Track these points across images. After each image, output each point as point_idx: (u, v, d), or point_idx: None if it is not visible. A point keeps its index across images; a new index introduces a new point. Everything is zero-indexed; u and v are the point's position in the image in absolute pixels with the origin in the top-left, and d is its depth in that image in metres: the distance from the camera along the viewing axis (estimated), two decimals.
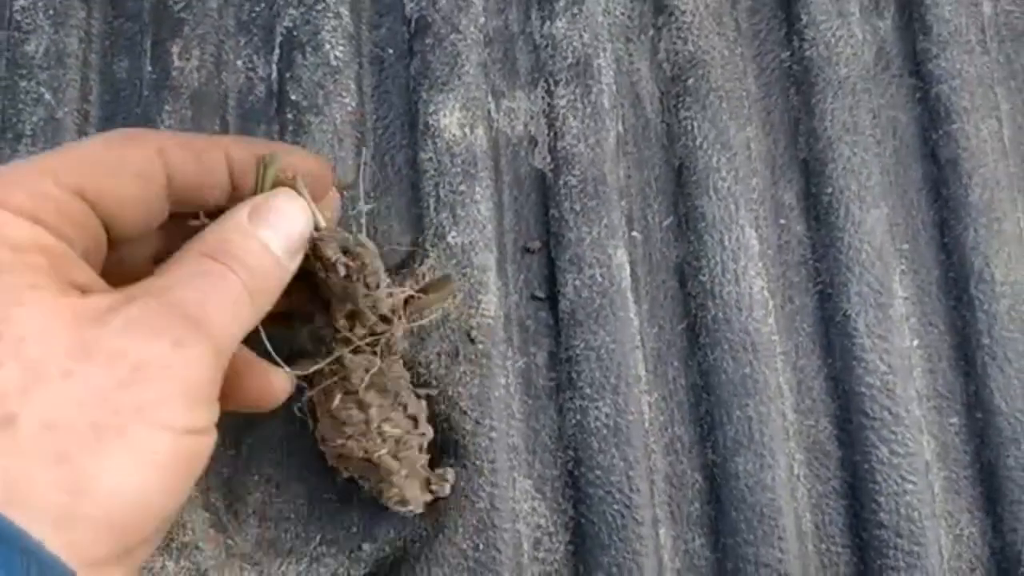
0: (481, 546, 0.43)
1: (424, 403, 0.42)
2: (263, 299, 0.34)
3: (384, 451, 0.39)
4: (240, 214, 0.34)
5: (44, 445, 0.27)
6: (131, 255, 0.36)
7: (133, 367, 0.28)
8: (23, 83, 0.47)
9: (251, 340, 0.35)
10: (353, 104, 0.47)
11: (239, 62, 0.48)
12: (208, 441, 0.31)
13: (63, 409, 0.27)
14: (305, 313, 0.39)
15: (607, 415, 0.44)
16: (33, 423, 0.27)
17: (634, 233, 0.47)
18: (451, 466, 0.43)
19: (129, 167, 0.33)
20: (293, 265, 0.35)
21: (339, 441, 0.39)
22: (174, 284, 0.31)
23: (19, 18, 0.48)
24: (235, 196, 0.36)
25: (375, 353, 0.39)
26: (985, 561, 0.44)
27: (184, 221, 0.35)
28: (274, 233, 0.34)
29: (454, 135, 0.47)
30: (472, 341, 0.44)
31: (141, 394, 0.28)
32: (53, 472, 0.27)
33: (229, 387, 0.36)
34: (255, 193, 0.35)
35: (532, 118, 0.48)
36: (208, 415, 0.31)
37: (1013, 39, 0.50)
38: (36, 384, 0.27)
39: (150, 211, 0.34)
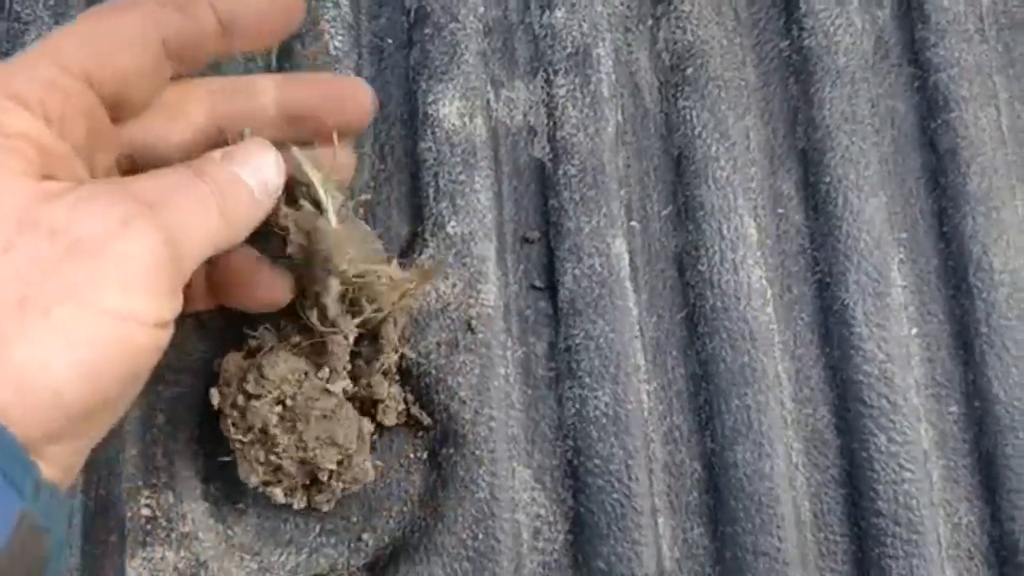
0: (480, 536, 0.43)
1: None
2: (235, 218, 0.33)
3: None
4: (213, 154, 0.35)
5: None
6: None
7: (72, 242, 0.28)
8: None
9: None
10: None
11: (238, 53, 0.48)
12: (154, 335, 0.30)
13: (10, 279, 0.27)
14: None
15: (606, 404, 0.44)
16: None
17: (633, 223, 0.47)
18: (451, 456, 0.43)
19: (126, 38, 0.33)
20: (267, 202, 0.36)
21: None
22: (138, 179, 0.31)
23: (18, 8, 0.48)
24: (228, 42, 0.37)
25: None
26: (983, 549, 0.45)
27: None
28: (247, 170, 0.35)
29: (453, 125, 0.47)
30: (472, 331, 0.44)
31: (75, 272, 0.28)
32: None
33: (235, 284, 0.38)
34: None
35: (531, 108, 0.48)
36: (150, 305, 0.29)
37: (1011, 27, 0.50)
38: None
39: (153, 78, 0.35)
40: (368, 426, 0.42)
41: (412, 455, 0.44)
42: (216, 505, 0.43)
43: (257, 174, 0.35)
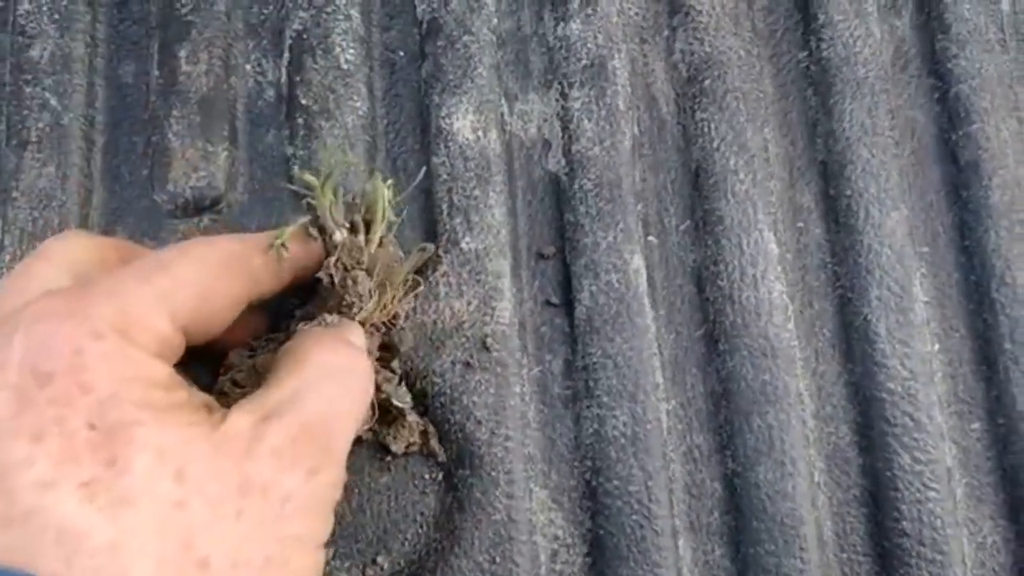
0: (498, 559, 0.42)
1: None
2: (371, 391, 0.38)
3: None
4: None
5: None
6: None
7: (283, 499, 0.32)
8: (28, 88, 0.47)
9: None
10: (364, 108, 0.46)
11: (248, 66, 0.48)
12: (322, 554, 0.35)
13: (243, 547, 0.31)
14: None
15: (625, 424, 0.43)
16: (223, 564, 0.30)
17: (650, 238, 0.46)
18: (466, 477, 0.42)
19: (230, 305, 0.36)
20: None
21: None
22: (304, 393, 0.34)
23: (23, 22, 0.47)
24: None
25: None
26: (1008, 569, 0.44)
27: None
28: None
29: (467, 139, 0.46)
30: (487, 349, 0.44)
31: (294, 526, 0.32)
32: None
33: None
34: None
35: (546, 121, 0.47)
36: (328, 529, 0.35)
37: None
38: (217, 523, 0.30)
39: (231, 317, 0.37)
40: None
41: (427, 476, 0.43)
42: None
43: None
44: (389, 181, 0.40)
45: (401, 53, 0.48)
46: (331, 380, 0.35)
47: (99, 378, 0.30)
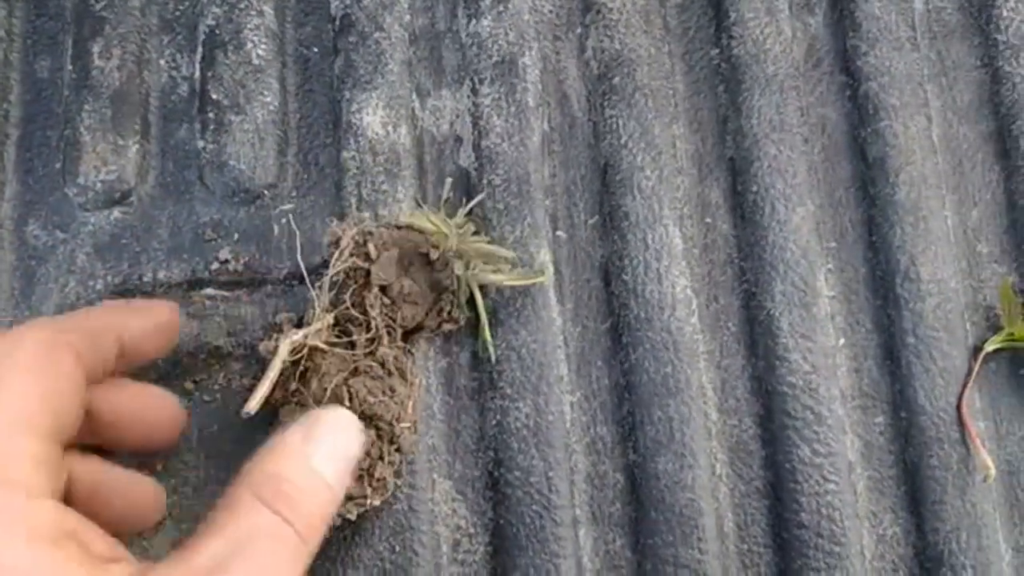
0: (398, 548, 0.42)
1: None
2: (315, 539, 0.33)
3: None
4: (294, 438, 0.34)
5: None
6: None
7: None
8: None
9: None
10: (276, 103, 0.47)
11: (162, 61, 0.48)
12: None
13: None
14: None
15: (527, 415, 0.44)
16: None
17: (559, 232, 0.47)
18: None
19: (74, 388, 0.34)
20: (341, 490, 0.35)
21: None
22: (239, 552, 0.30)
23: None
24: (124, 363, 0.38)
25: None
26: (908, 561, 0.44)
27: None
28: (329, 460, 0.34)
29: (377, 133, 0.46)
30: None
31: None
32: None
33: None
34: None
35: (458, 117, 0.48)
36: None
37: (945, 35, 0.50)
38: None
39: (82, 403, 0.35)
40: None
41: None
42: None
43: (342, 464, 0.35)
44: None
45: (315, 49, 0.48)
46: (267, 543, 0.31)
47: None
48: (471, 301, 0.43)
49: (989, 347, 0.45)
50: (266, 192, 0.46)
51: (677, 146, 0.48)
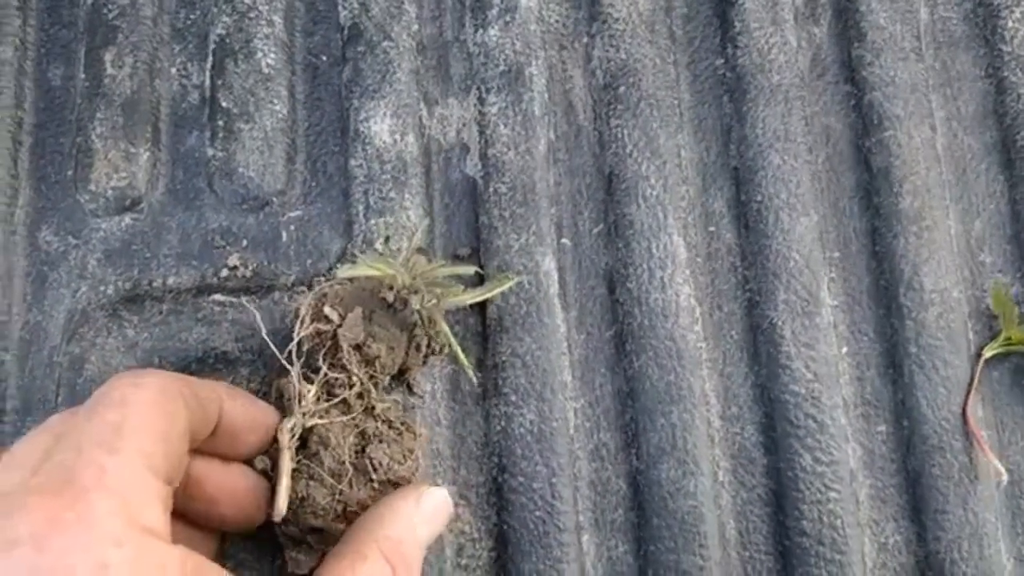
0: None
1: None
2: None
3: None
4: (409, 503, 0.38)
5: None
6: None
7: None
8: None
9: None
10: (284, 111, 0.48)
11: (173, 69, 0.49)
12: None
13: None
14: None
15: (531, 422, 0.44)
16: None
17: (564, 240, 0.47)
18: None
19: (181, 436, 0.34)
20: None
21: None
22: None
23: None
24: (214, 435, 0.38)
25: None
26: (910, 570, 0.44)
27: None
28: (430, 532, 0.39)
29: (384, 142, 0.47)
30: None
31: None
32: None
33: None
34: None
35: (465, 125, 0.48)
36: None
37: (950, 45, 0.50)
38: None
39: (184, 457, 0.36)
40: None
41: None
42: None
43: (432, 528, 0.39)
44: None
45: (324, 58, 0.49)
46: None
47: None
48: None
49: (988, 353, 0.46)
50: (275, 199, 0.46)
51: (681, 155, 0.48)
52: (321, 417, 0.39)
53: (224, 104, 0.47)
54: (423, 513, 0.38)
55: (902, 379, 0.46)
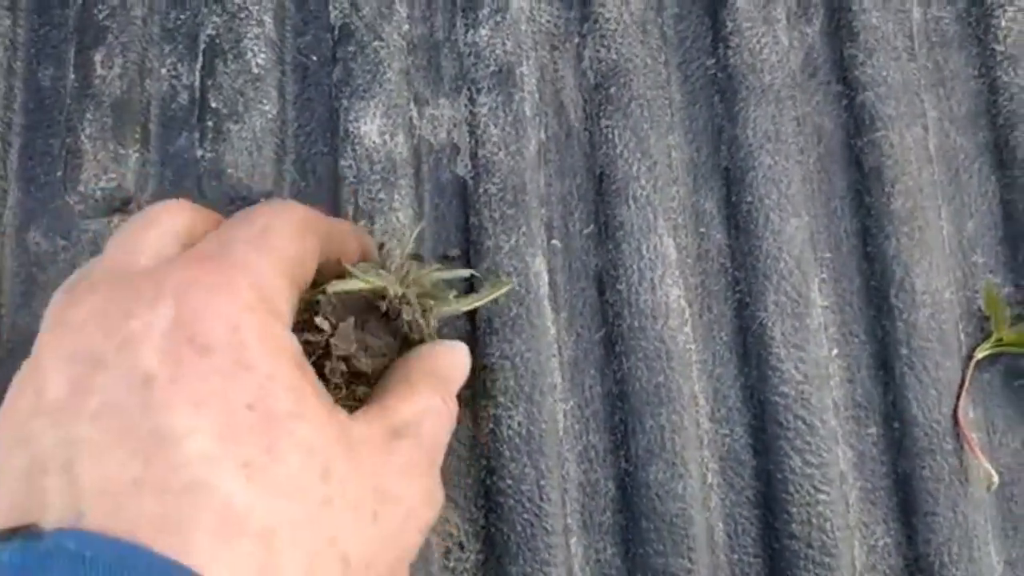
0: None
1: None
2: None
3: None
4: (444, 348, 0.41)
5: None
6: None
7: (406, 514, 0.34)
8: None
9: None
10: (274, 111, 0.47)
11: (163, 70, 0.49)
12: None
13: (376, 549, 0.32)
14: None
15: (520, 424, 0.44)
16: (360, 562, 0.31)
17: (554, 241, 0.47)
18: None
19: (313, 260, 0.37)
20: None
21: None
22: (421, 420, 0.36)
23: None
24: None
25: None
26: (899, 572, 0.44)
27: None
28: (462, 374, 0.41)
29: (374, 142, 0.47)
30: None
31: (411, 540, 0.35)
32: None
33: None
34: None
35: (455, 126, 0.48)
36: None
37: (943, 45, 0.50)
38: (357, 523, 0.32)
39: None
40: None
41: None
42: None
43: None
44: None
45: (314, 58, 0.49)
46: (436, 419, 0.37)
47: (258, 357, 0.30)
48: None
49: (980, 354, 0.45)
50: (263, 200, 0.46)
51: (672, 156, 0.48)
52: None
53: (214, 104, 0.47)
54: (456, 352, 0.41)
55: (893, 381, 0.46)
